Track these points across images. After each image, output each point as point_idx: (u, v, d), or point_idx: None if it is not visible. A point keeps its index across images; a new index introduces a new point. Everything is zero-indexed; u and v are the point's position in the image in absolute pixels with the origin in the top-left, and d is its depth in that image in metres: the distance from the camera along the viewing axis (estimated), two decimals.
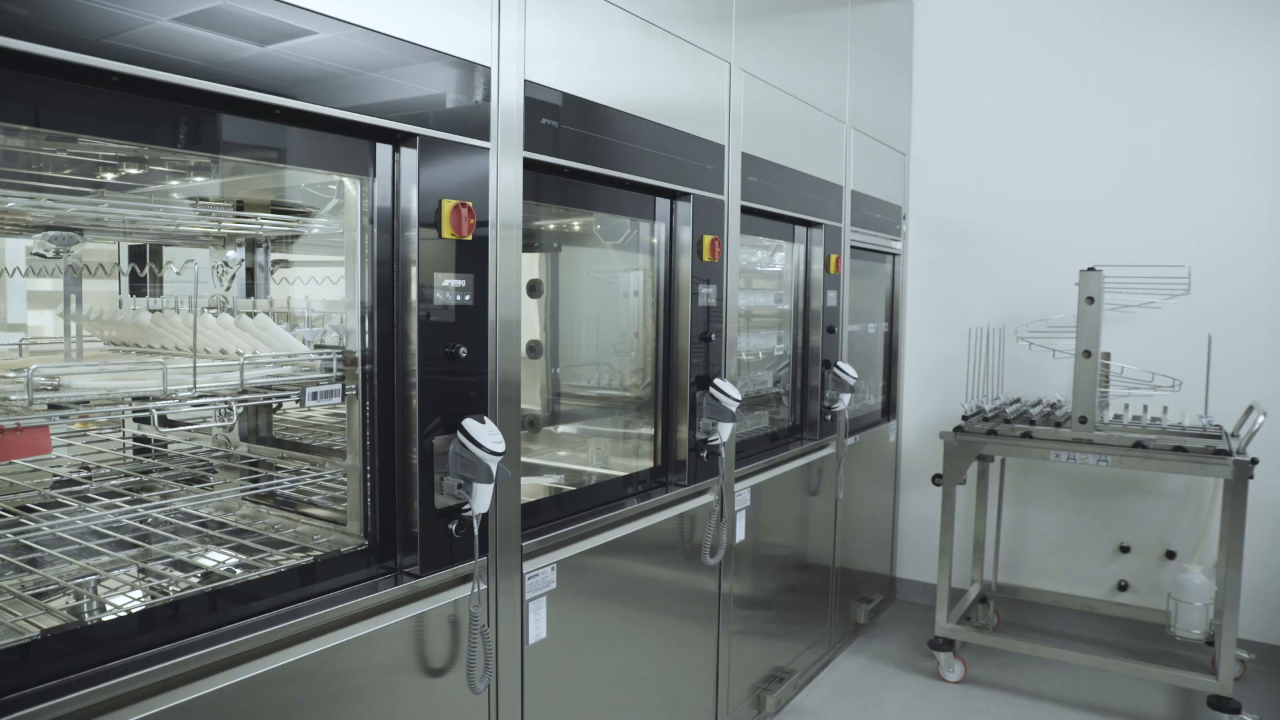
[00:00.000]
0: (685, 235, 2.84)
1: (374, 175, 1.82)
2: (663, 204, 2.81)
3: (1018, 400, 4.37)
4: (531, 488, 2.64)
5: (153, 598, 1.68)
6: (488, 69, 2.01)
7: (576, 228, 3.05)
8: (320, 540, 1.97)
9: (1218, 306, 4.10)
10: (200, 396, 1.83)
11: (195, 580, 1.75)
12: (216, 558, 1.92)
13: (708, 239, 2.88)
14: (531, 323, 3.00)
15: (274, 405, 2.42)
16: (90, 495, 2.15)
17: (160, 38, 1.41)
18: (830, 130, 3.86)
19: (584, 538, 2.42)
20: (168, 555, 1.91)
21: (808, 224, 3.78)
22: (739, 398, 2.85)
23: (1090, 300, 3.62)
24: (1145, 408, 4.06)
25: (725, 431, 2.89)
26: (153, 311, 2.19)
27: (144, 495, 2.19)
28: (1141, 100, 4.28)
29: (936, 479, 4.03)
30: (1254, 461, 3.31)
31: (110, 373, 1.83)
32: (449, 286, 1.92)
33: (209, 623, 1.59)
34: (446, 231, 1.89)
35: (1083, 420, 3.63)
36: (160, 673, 1.45)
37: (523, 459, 2.29)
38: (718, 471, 2.97)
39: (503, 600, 2.15)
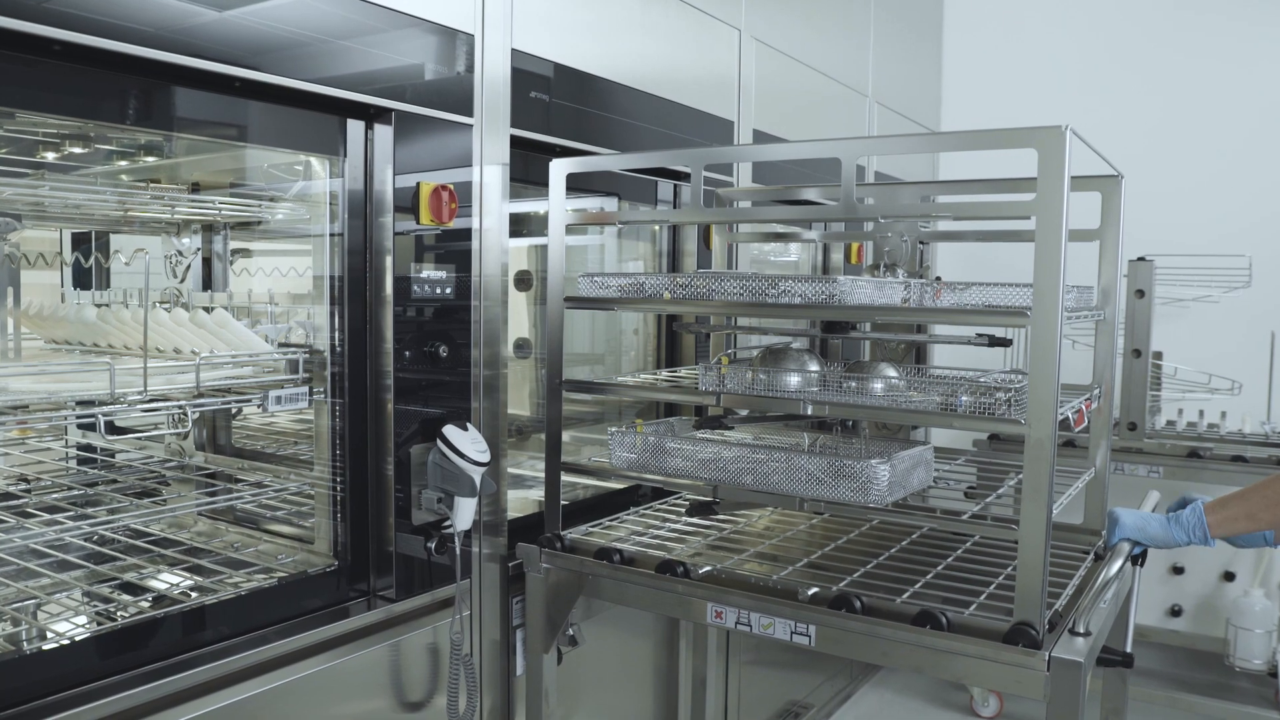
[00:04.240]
0: None
1: (345, 155, 1.82)
2: (665, 186, 2.81)
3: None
4: (520, 501, 2.64)
5: (99, 624, 1.68)
6: (470, 37, 2.01)
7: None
8: (285, 560, 1.96)
9: None
10: (151, 400, 1.83)
11: (146, 604, 1.75)
12: (169, 579, 1.92)
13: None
14: (520, 318, 2.99)
15: (233, 410, 2.42)
16: (29, 510, 2.15)
17: (107, 2, 1.41)
18: (852, 105, 3.86)
19: None
20: (115, 577, 1.90)
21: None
22: None
23: (1140, 294, 3.62)
24: (1201, 413, 4.05)
25: None
26: (99, 306, 2.19)
27: (89, 510, 2.19)
28: (1195, 75, 4.27)
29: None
30: None
31: (51, 374, 1.82)
32: (428, 278, 1.92)
33: (161, 652, 1.59)
34: (425, 217, 1.89)
35: (1132, 427, 3.63)
36: (107, 706, 1.45)
37: (510, 469, 2.29)
38: None
39: (487, 627, 2.15)
